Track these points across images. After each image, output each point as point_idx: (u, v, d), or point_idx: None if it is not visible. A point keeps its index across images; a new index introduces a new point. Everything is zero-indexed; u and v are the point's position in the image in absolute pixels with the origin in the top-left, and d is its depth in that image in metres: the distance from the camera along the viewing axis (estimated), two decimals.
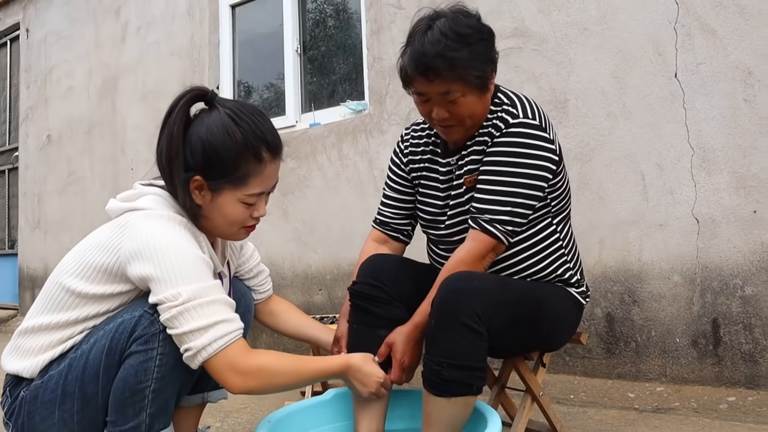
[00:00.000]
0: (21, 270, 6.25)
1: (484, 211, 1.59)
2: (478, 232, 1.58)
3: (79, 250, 1.44)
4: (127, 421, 1.34)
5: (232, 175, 1.40)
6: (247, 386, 1.31)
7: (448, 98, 1.58)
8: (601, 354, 2.67)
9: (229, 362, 1.29)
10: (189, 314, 1.27)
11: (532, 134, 1.61)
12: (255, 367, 1.32)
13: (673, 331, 2.50)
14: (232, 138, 1.38)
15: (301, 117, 4.03)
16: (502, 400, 2.02)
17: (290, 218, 3.81)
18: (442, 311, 1.50)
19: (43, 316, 1.41)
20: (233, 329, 1.31)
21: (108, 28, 5.35)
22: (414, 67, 1.57)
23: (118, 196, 1.47)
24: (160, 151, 1.42)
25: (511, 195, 1.59)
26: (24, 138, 6.38)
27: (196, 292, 1.28)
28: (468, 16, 1.61)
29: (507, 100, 1.68)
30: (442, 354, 1.48)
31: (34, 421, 1.38)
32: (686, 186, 2.48)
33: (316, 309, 3.57)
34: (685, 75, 2.50)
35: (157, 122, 1.49)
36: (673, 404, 2.36)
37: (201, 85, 1.48)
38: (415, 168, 1.87)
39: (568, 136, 2.76)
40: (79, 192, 5.57)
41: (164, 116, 1.43)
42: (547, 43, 2.84)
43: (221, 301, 1.32)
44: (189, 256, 1.32)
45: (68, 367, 1.36)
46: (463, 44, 1.54)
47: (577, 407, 2.44)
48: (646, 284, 2.56)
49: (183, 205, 1.40)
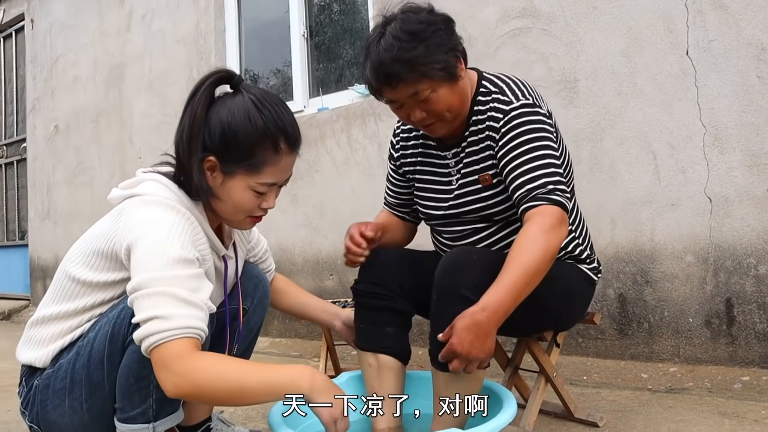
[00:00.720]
0: (32, 261, 6.29)
1: (536, 188, 1.53)
2: (545, 205, 1.50)
3: (83, 239, 1.45)
4: (134, 407, 1.35)
5: (246, 161, 1.38)
6: (180, 390, 1.19)
7: (419, 98, 1.56)
8: (613, 335, 2.66)
9: (162, 361, 1.19)
10: (137, 304, 1.23)
11: (532, 112, 1.60)
12: (189, 370, 1.18)
13: (686, 311, 2.48)
14: (252, 123, 1.37)
15: (309, 102, 4.01)
16: (516, 382, 2.02)
17: (300, 204, 3.80)
18: (441, 285, 1.51)
19: (53, 306, 1.43)
20: (167, 327, 1.19)
21: (112, 16, 5.33)
22: (376, 78, 1.56)
23: (120, 185, 1.47)
24: (182, 129, 1.41)
25: (549, 166, 1.55)
26: (32, 129, 6.39)
27: (143, 281, 1.22)
28: (418, 12, 1.58)
29: (494, 88, 1.66)
30: (444, 328, 1.48)
31: (47, 410, 1.40)
32: (698, 165, 2.46)
33: (328, 294, 3.57)
34: (697, 52, 2.46)
35: (164, 110, 1.48)
36: (687, 384, 2.35)
37: (228, 68, 1.46)
38: (407, 162, 1.86)
39: (578, 116, 2.73)
40: (87, 182, 5.58)
41: (188, 96, 1.41)
42: (556, 22, 2.80)
43: (167, 294, 1.21)
44: (161, 244, 1.26)
45: (76, 356, 1.37)
46: (417, 41, 1.52)
47: (591, 388, 2.43)
48: (659, 264, 2.55)
49: (195, 186, 1.38)
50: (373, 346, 1.71)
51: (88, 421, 1.38)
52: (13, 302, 6.35)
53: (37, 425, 1.43)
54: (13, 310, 6.10)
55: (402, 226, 1.96)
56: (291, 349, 3.64)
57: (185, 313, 1.21)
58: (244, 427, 1.86)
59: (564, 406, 1.98)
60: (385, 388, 1.68)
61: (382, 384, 1.68)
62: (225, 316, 1.55)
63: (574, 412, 1.97)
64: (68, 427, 1.40)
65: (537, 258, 1.42)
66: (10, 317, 6.01)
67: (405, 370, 1.74)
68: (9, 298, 6.60)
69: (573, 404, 1.97)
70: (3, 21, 6.81)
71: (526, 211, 1.52)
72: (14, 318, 5.96)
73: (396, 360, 1.71)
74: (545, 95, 2.82)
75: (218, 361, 1.24)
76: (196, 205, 1.43)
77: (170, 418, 1.41)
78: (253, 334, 1.73)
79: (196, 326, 1.22)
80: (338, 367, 2.63)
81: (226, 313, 1.55)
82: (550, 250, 1.45)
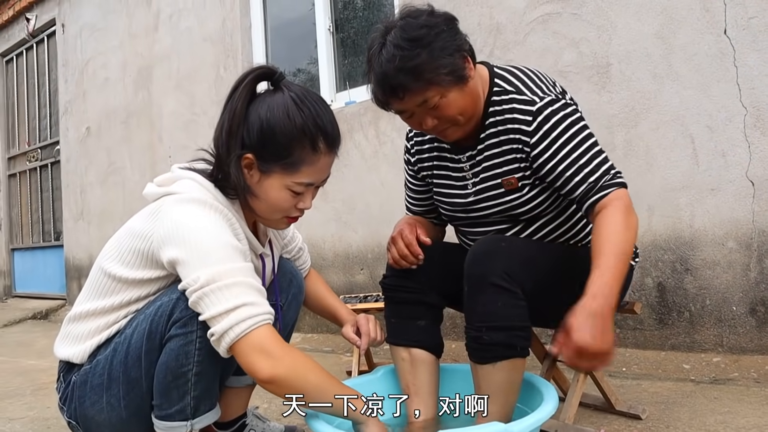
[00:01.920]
0: (67, 261, 6.39)
1: (600, 178, 1.49)
2: (615, 190, 1.47)
3: (118, 236, 1.45)
4: (172, 404, 1.34)
5: (284, 160, 1.36)
6: (276, 372, 1.22)
7: (429, 106, 1.50)
8: (653, 325, 2.60)
9: (259, 344, 1.22)
10: (209, 299, 1.23)
11: (560, 107, 1.54)
12: (286, 353, 1.25)
13: (729, 300, 2.40)
14: (291, 121, 1.35)
15: (336, 96, 4.00)
16: (554, 374, 1.98)
17: (329, 198, 3.79)
18: (471, 275, 1.48)
19: (90, 302, 1.43)
20: (258, 312, 1.24)
21: (140, 17, 5.38)
22: (381, 91, 1.51)
23: (155, 180, 1.46)
24: (221, 125, 1.38)
25: (600, 153, 1.52)
26: (64, 131, 6.49)
27: (215, 274, 1.23)
28: (417, 16, 1.49)
29: (510, 87, 1.59)
30: (479, 318, 1.46)
31: (85, 406, 1.40)
32: (739, 147, 2.38)
33: (359, 288, 3.56)
34: (735, 31, 2.38)
35: (192, 109, 1.47)
36: (732, 375, 2.28)
37: (270, 65, 1.44)
38: (425, 167, 1.80)
39: (612, 101, 2.67)
40: (119, 182, 5.65)
41: (229, 91, 1.39)
42: (586, 5, 2.74)
43: (244, 284, 1.25)
44: (212, 239, 1.28)
45: (113, 352, 1.37)
46: (420, 47, 1.44)
47: (630, 380, 2.37)
48: (699, 251, 2.47)
49: (233, 183, 1.37)
50: (405, 341, 1.68)
51: (126, 417, 1.38)
52: (50, 302, 6.47)
53: (75, 421, 1.43)
54: (50, 310, 6.21)
55: (432, 227, 1.90)
56: (323, 345, 3.63)
57: (264, 300, 1.27)
58: (279, 423, 1.85)
59: (605, 399, 1.93)
60: (419, 383, 1.65)
61: (416, 378, 1.66)
62: None
63: (615, 405, 1.92)
64: (106, 424, 1.40)
65: (629, 238, 1.41)
66: (47, 317, 6.12)
67: (438, 363, 1.71)
68: (46, 298, 6.72)
69: (614, 396, 1.92)
70: (36, 27, 6.92)
71: (597, 202, 1.48)
72: (51, 317, 6.07)
73: (429, 353, 1.68)
74: (577, 81, 2.77)
75: (305, 355, 1.30)
76: (232, 203, 1.41)
77: (208, 415, 1.40)
78: (289, 329, 1.72)
79: (272, 312, 1.28)
80: (371, 362, 2.61)
81: None
82: (636, 230, 1.45)
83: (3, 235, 7.72)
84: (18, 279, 7.56)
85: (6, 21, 7.40)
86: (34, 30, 6.97)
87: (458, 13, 3.17)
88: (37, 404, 2.59)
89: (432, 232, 1.87)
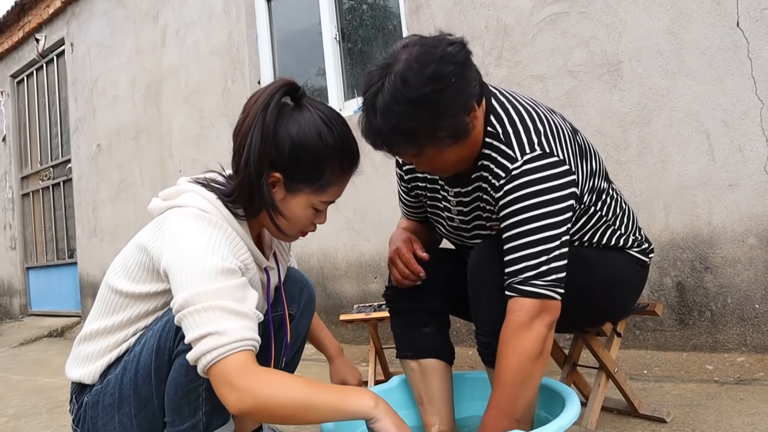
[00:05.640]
0: (81, 278, 6.41)
1: (515, 273, 1.35)
2: (516, 299, 1.34)
3: (124, 252, 1.44)
4: (184, 420, 1.32)
5: (314, 180, 1.34)
6: (245, 406, 1.13)
7: (424, 157, 1.40)
8: (673, 326, 2.54)
9: (223, 378, 1.14)
10: (186, 322, 1.18)
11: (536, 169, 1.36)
12: (253, 384, 1.14)
13: (752, 297, 2.35)
14: (323, 142, 1.32)
15: (344, 104, 3.98)
16: (575, 379, 1.93)
17: (341, 207, 3.77)
18: (474, 279, 1.45)
19: (99, 321, 1.42)
20: (223, 343, 1.14)
21: (147, 33, 5.40)
22: (373, 144, 1.39)
23: (161, 194, 1.43)
24: (251, 145, 1.30)
25: (536, 244, 1.33)
26: (75, 149, 6.53)
27: (188, 298, 1.17)
28: (425, 63, 1.29)
29: (502, 131, 1.42)
30: (486, 323, 1.42)
31: (98, 426, 1.38)
32: (757, 141, 2.33)
33: (372, 297, 3.52)
34: (748, 22, 2.33)
35: (200, 123, 1.44)
36: (757, 375, 2.22)
37: (291, 79, 1.37)
38: (419, 186, 1.71)
39: (623, 99, 2.63)
40: (130, 198, 5.66)
41: (253, 108, 1.31)
42: (594, 3, 2.70)
43: (217, 309, 1.17)
44: (197, 259, 1.21)
45: (123, 371, 1.35)
46: (420, 109, 1.29)
47: (652, 382, 2.32)
48: (719, 249, 2.42)
49: (255, 199, 1.33)
50: (412, 352, 1.64)
51: None
52: (66, 319, 6.49)
53: None
54: (65, 327, 6.23)
55: (427, 233, 1.83)
56: None
57: (237, 325, 1.17)
58: None
59: (627, 402, 1.89)
60: (432, 392, 1.61)
61: (428, 388, 1.62)
62: (269, 325, 1.51)
63: (638, 408, 1.87)
64: None
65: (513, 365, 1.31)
66: (63, 334, 6.14)
67: (450, 370, 1.67)
68: (61, 316, 6.74)
69: (637, 399, 1.88)
70: (45, 47, 6.99)
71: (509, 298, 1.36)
72: (67, 335, 6.09)
73: (439, 360, 1.64)
74: (587, 80, 2.74)
75: (281, 376, 1.19)
76: (236, 218, 1.38)
77: (221, 430, 1.38)
78: (301, 339, 1.69)
79: (250, 337, 1.18)
80: (387, 371, 2.57)
81: (269, 322, 1.51)
82: (525, 351, 1.31)
83: (18, 254, 7.76)
84: (33, 297, 7.59)
85: (16, 43, 7.48)
86: (44, 50, 7.03)
87: (465, 17, 3.16)
88: (53, 423, 2.58)
89: (428, 239, 1.80)
